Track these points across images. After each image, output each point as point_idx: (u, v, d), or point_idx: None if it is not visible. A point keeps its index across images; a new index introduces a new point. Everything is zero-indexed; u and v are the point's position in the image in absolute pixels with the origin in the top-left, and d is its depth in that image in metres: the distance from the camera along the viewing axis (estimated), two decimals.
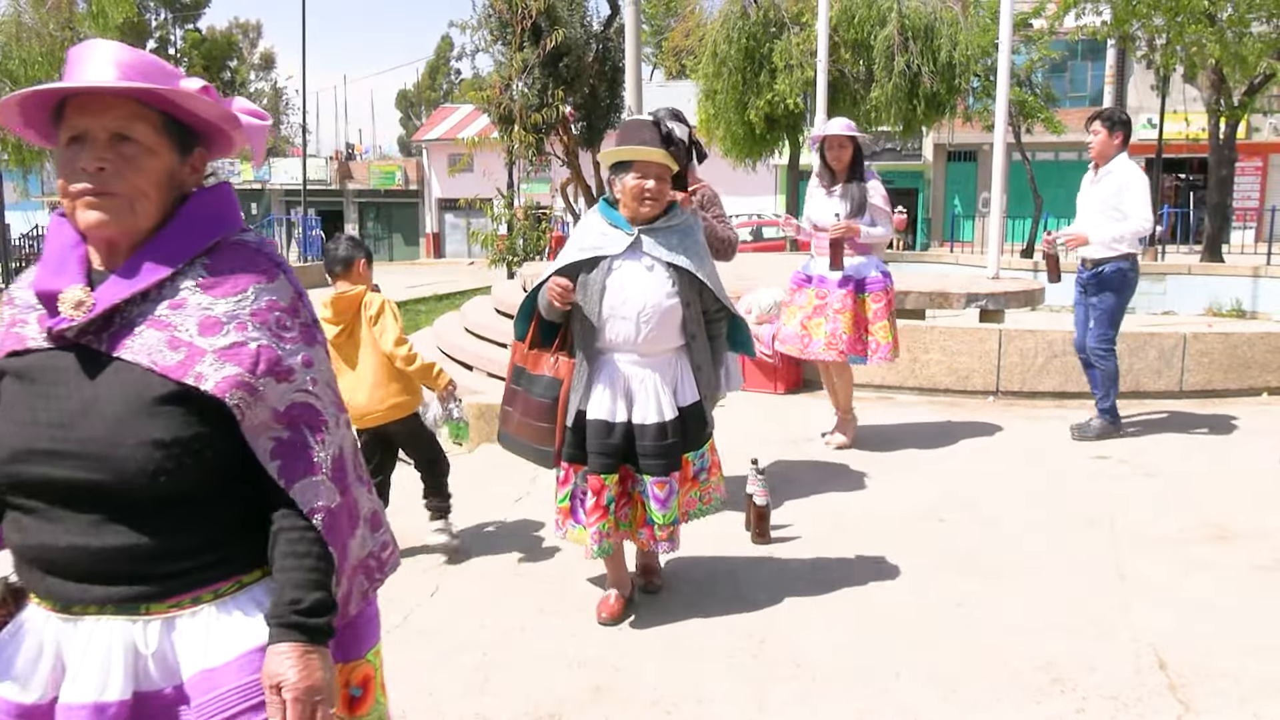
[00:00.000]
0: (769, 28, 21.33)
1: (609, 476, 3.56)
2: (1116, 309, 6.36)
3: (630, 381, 3.56)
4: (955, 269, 17.69)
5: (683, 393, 3.63)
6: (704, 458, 3.76)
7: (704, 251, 3.66)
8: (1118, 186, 6.21)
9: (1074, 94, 32.56)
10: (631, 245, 3.53)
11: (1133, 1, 15.95)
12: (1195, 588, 4.02)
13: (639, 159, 3.51)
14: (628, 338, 3.52)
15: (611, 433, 3.54)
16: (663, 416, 3.53)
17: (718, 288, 3.65)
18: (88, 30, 21.03)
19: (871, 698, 3.17)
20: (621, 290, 3.51)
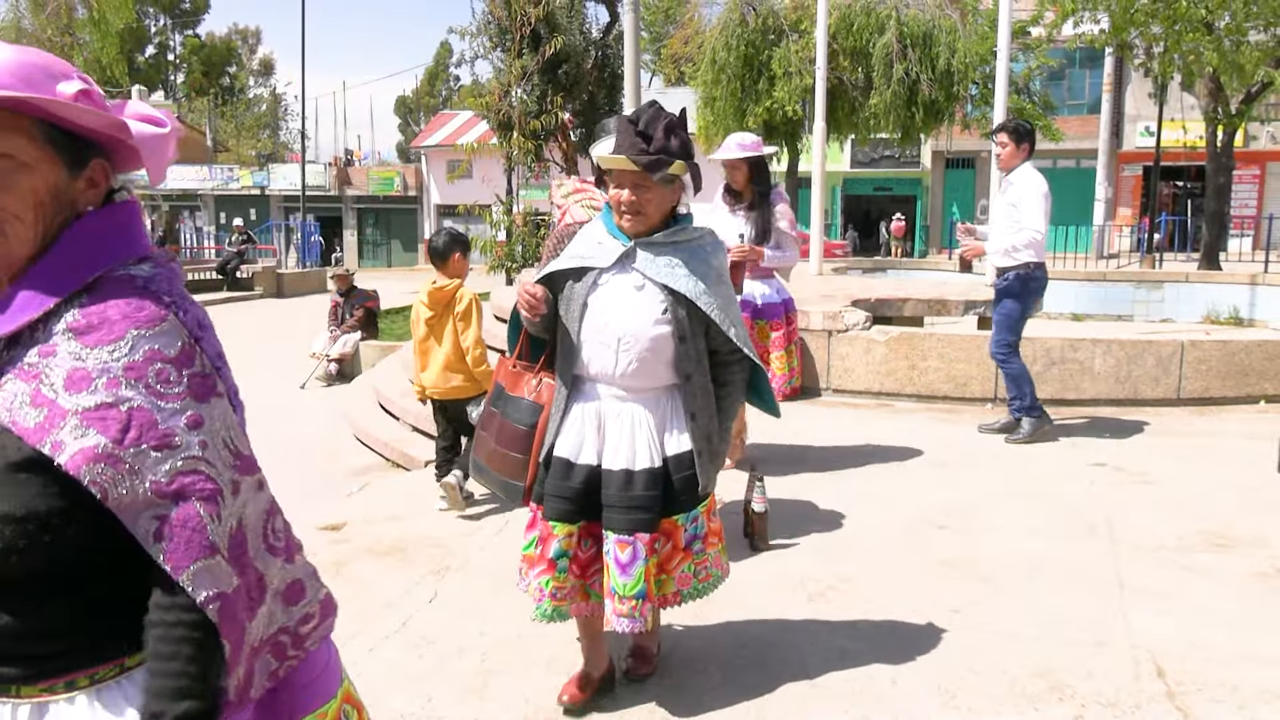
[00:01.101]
0: (768, 35, 21.38)
1: (560, 525, 3.01)
2: (1015, 315, 6.52)
3: (605, 418, 3.01)
4: (953, 276, 17.71)
5: (671, 440, 3.02)
6: (698, 523, 3.12)
7: (716, 279, 3.02)
8: (1017, 196, 6.33)
9: (1072, 102, 32.66)
10: (622, 258, 2.99)
11: (1130, 10, 15.98)
12: (1193, 595, 4.02)
13: (605, 165, 3.06)
14: (605, 367, 2.97)
15: (570, 474, 3.01)
16: (633, 464, 2.96)
17: (728, 324, 2.99)
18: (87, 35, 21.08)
19: (870, 705, 3.17)
20: (603, 310, 2.97)
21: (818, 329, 8.15)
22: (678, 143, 2.88)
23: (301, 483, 6.28)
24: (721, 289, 3.03)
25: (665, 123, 2.89)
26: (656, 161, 2.84)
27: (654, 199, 2.95)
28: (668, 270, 2.96)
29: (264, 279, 23.34)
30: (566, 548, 3.03)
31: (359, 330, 12.64)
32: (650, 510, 2.97)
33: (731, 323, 3.01)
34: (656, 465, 2.99)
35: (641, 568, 2.96)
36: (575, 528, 3.03)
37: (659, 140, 2.85)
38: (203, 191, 44.69)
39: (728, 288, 3.07)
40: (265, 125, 62.45)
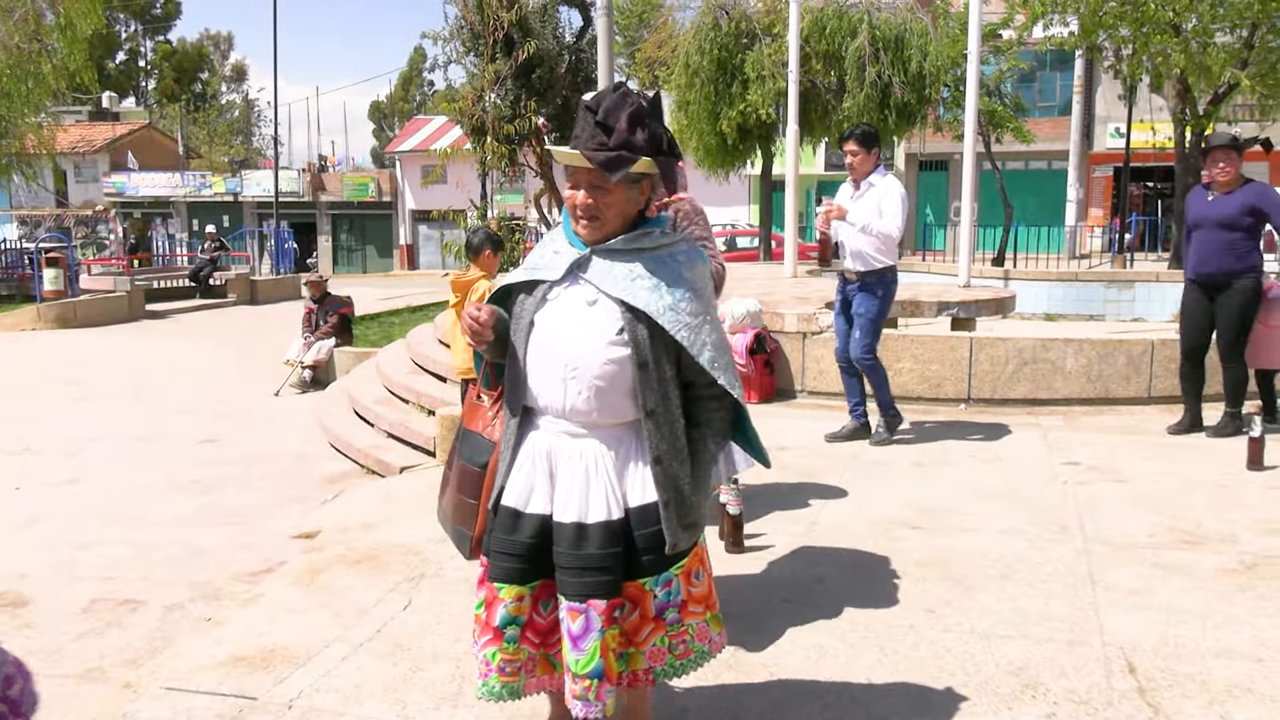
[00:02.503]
0: (741, 39, 21.43)
1: (506, 588, 2.55)
2: (879, 317, 6.53)
3: (556, 460, 2.55)
4: (927, 278, 17.83)
5: (635, 488, 2.53)
6: (671, 588, 2.60)
7: (691, 294, 2.53)
8: (878, 198, 6.28)
9: (1043, 104, 32.90)
10: (573, 269, 2.53)
11: (1099, 12, 16.13)
12: (1164, 592, 4.06)
13: (559, 161, 2.57)
14: (554, 398, 2.52)
15: (517, 526, 2.55)
16: (585, 515, 2.50)
17: (702, 347, 2.51)
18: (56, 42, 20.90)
19: (844, 706, 3.18)
20: (550, 330, 2.51)
21: (792, 331, 8.17)
22: (645, 135, 2.44)
23: (275, 490, 6.24)
24: (697, 306, 2.52)
25: (630, 111, 2.43)
26: (616, 159, 2.40)
27: (614, 202, 2.48)
28: (626, 282, 2.48)
29: (237, 286, 23.19)
30: (516, 613, 2.56)
31: (333, 337, 12.58)
32: (607, 572, 2.48)
33: (708, 346, 2.51)
34: (615, 518, 2.50)
35: (596, 641, 2.47)
36: (527, 589, 2.56)
37: (621, 132, 2.40)
38: (175, 198, 44.38)
39: (705, 304, 2.56)
40: (238, 131, 62.08)
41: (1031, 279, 18.38)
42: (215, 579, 4.74)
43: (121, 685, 3.49)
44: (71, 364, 12.66)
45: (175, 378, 11.72)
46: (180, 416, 8.96)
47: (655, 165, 2.47)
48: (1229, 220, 6.42)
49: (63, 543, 5.11)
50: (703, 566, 2.71)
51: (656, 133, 2.48)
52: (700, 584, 2.68)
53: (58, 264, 18.83)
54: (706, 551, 2.74)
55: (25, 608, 4.28)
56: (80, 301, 18.14)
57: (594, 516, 2.50)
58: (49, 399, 9.78)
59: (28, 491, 6.07)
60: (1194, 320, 6.70)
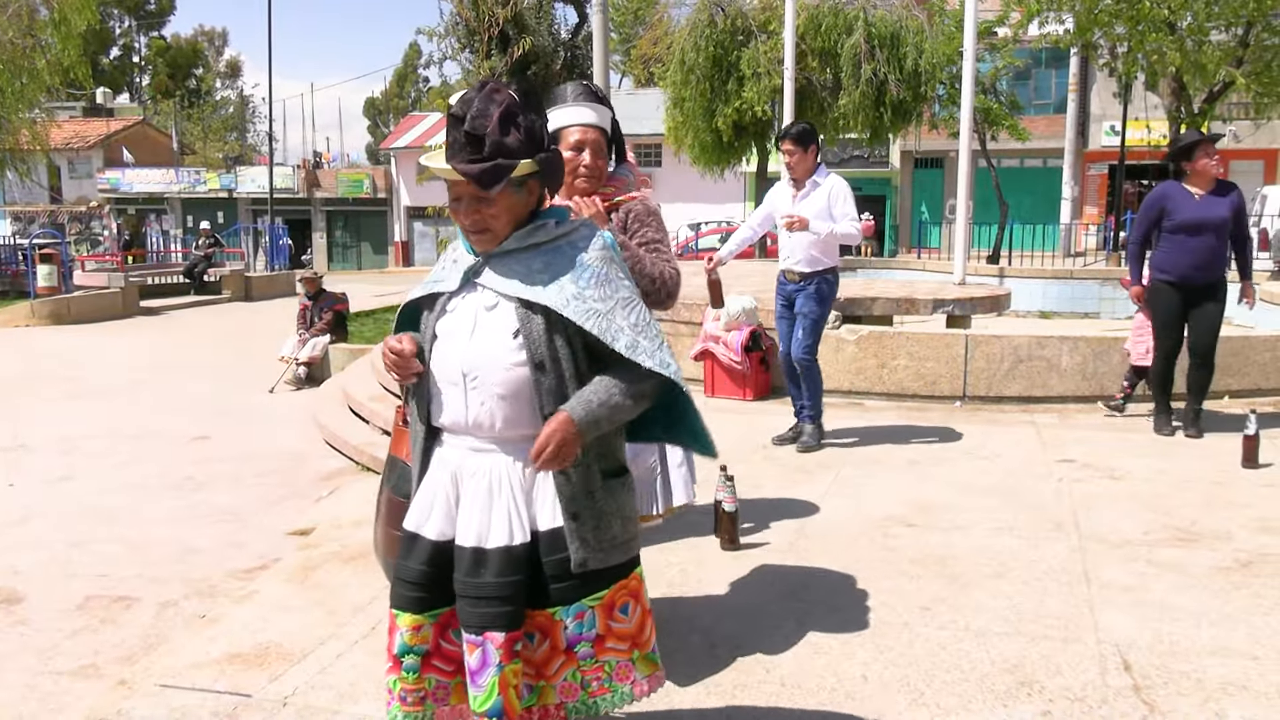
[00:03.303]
0: (736, 36, 21.44)
1: (404, 615, 2.40)
2: (823, 319, 6.44)
3: (461, 479, 2.38)
4: (922, 275, 17.85)
5: (545, 508, 2.35)
6: (584, 620, 2.37)
7: (598, 278, 2.33)
8: (827, 196, 6.13)
9: (1038, 101, 32.96)
10: (470, 275, 2.39)
11: (1095, 10, 16.14)
12: (1159, 590, 4.06)
13: (437, 174, 2.36)
14: (455, 412, 2.35)
15: (413, 550, 2.39)
16: (484, 539, 2.31)
17: (617, 332, 2.29)
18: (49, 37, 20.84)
19: (839, 703, 3.18)
20: (449, 340, 2.36)
21: None
22: (520, 135, 2.25)
23: (270, 487, 6.23)
24: (605, 290, 2.32)
25: (501, 112, 2.24)
26: (493, 170, 2.22)
27: (501, 212, 2.31)
28: (523, 279, 2.31)
29: (232, 282, 23.15)
30: (413, 643, 2.39)
31: (328, 334, 12.56)
32: (505, 602, 2.29)
33: (624, 331, 2.30)
34: (517, 542, 2.31)
35: (494, 677, 2.28)
36: (426, 618, 2.39)
37: (493, 139, 2.22)
38: (169, 195, 44.31)
39: (616, 288, 2.35)
40: (232, 128, 62.01)
41: (1026, 277, 18.39)
42: (209, 576, 4.74)
43: (116, 682, 3.48)
44: (65, 361, 12.63)
45: (169, 374, 11.70)
46: (174, 413, 8.95)
47: (536, 165, 2.29)
48: (1224, 224, 6.39)
49: (57, 540, 5.10)
50: (634, 601, 2.43)
51: (533, 128, 2.30)
52: (627, 620, 2.41)
53: (51, 260, 18.79)
54: (643, 585, 2.48)
55: (19, 605, 4.27)
56: (74, 298, 18.10)
57: (493, 541, 2.30)
58: (43, 396, 9.76)
59: (21, 488, 6.06)
60: (1177, 323, 6.60)
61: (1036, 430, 6.92)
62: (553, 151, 2.31)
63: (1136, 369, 7.24)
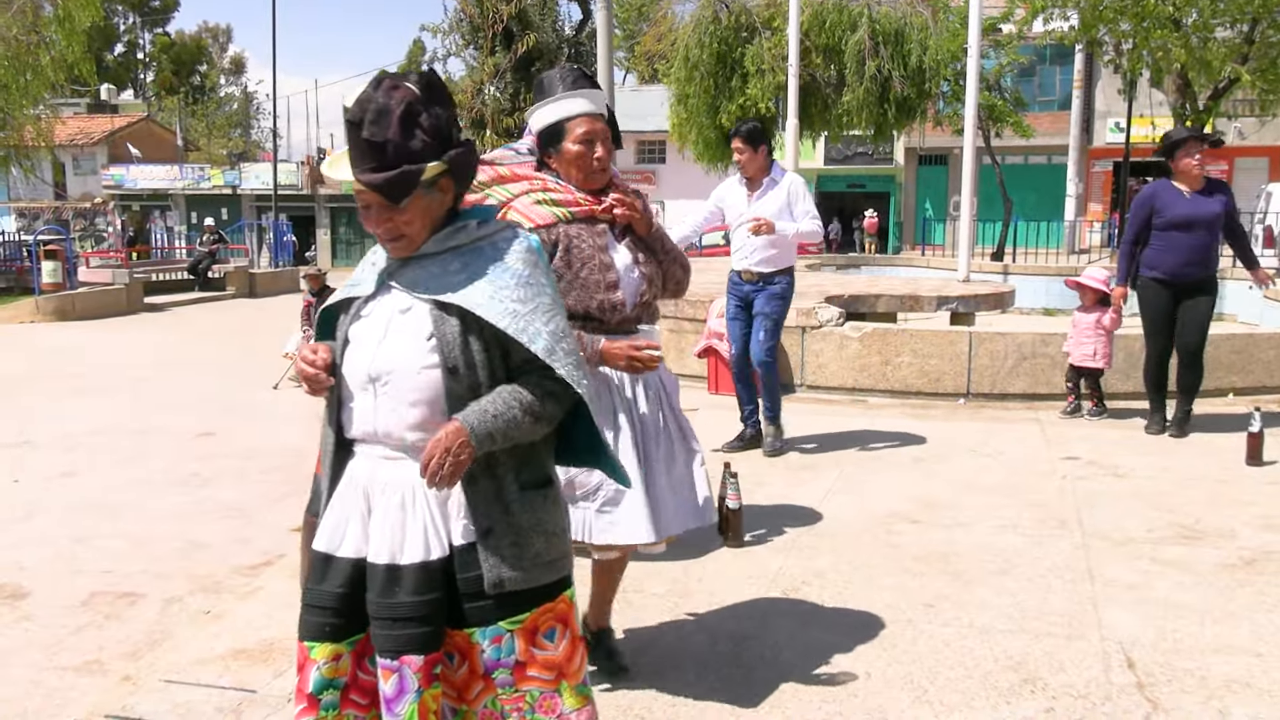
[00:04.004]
0: (740, 32, 21.42)
1: (318, 647, 2.16)
2: (783, 319, 6.25)
3: (372, 492, 2.18)
4: (926, 272, 17.83)
5: (459, 522, 2.16)
6: (502, 644, 2.14)
7: (518, 278, 2.16)
8: (786, 194, 6.00)
9: (1043, 98, 32.89)
10: (385, 278, 2.24)
11: (1099, 7, 16.10)
12: (1163, 587, 4.06)
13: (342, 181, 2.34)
14: (366, 420, 2.18)
15: (328, 573, 2.17)
16: (398, 555, 2.11)
17: (537, 336, 2.12)
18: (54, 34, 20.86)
19: (843, 700, 3.18)
20: (360, 344, 2.20)
21: (791, 325, 8.16)
22: (424, 137, 2.06)
23: (274, 484, 6.24)
24: (526, 292, 2.15)
25: (401, 112, 2.04)
26: (399, 180, 2.04)
27: (414, 217, 2.13)
28: (439, 280, 2.16)
29: (236, 279, 23.17)
30: (332, 675, 2.17)
31: None
32: (424, 623, 2.10)
33: (543, 335, 2.12)
34: (434, 558, 2.11)
35: (413, 704, 2.10)
36: (345, 646, 2.17)
37: (396, 143, 2.03)
38: (174, 191, 44.32)
39: (537, 290, 2.18)
40: (237, 124, 62.04)
41: (1031, 274, 18.36)
42: (214, 572, 4.74)
43: (121, 678, 3.49)
44: (70, 357, 12.65)
45: (173, 371, 11.72)
46: (179, 409, 8.96)
47: (447, 164, 2.11)
48: (1215, 220, 6.38)
49: (61, 536, 5.11)
50: (562, 626, 2.21)
51: (439, 124, 2.09)
52: (553, 647, 2.19)
53: (56, 256, 18.81)
54: (574, 609, 2.26)
55: (24, 600, 4.28)
56: (78, 294, 18.12)
57: (409, 556, 2.11)
58: (47, 392, 9.78)
59: (26, 484, 6.07)
60: (1167, 321, 6.57)
61: (1040, 427, 6.92)
62: (464, 147, 2.13)
63: (1077, 369, 7.21)
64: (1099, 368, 7.12)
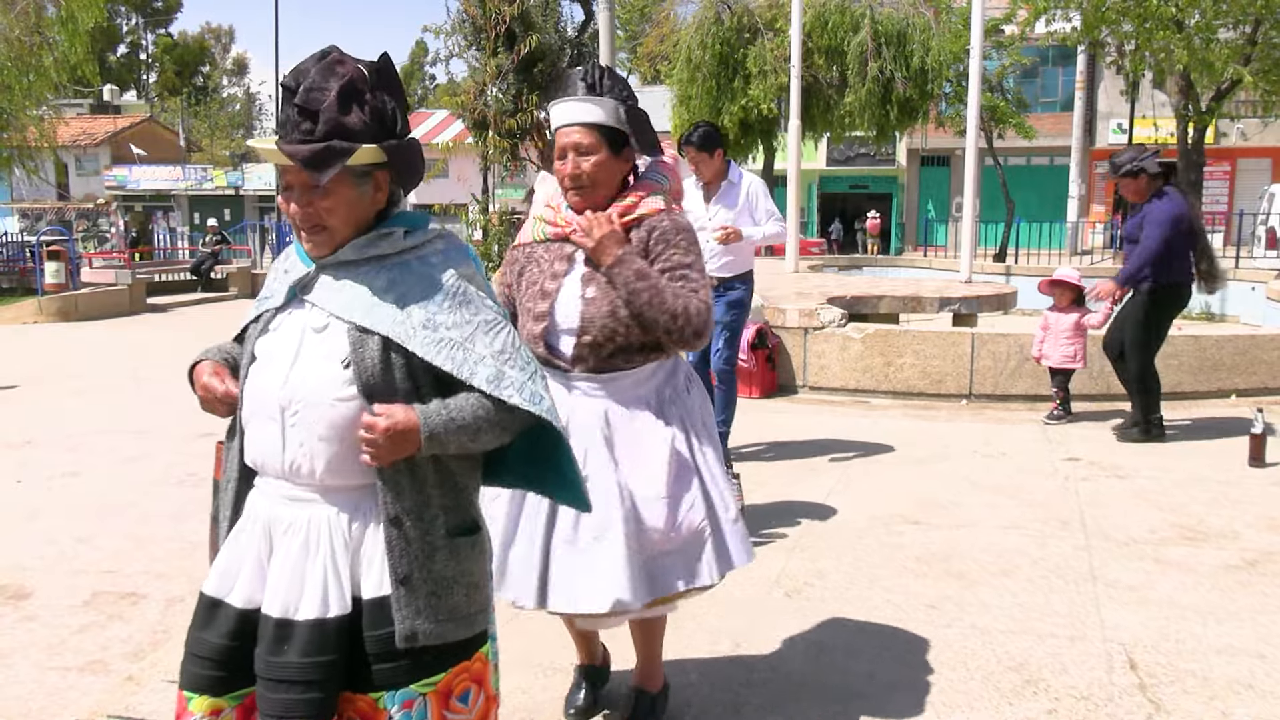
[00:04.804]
0: (743, 33, 21.42)
1: (195, 697, 1.93)
2: (742, 326, 6.06)
3: (274, 533, 1.94)
4: (929, 273, 17.83)
5: (373, 575, 1.90)
6: (414, 710, 1.91)
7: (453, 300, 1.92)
8: (745, 196, 5.80)
9: (1045, 99, 32.89)
10: (297, 289, 1.98)
11: (1102, 8, 16.11)
12: (1166, 588, 4.06)
13: (264, 158, 2.05)
14: (271, 453, 1.92)
15: (213, 620, 1.94)
16: (293, 609, 1.88)
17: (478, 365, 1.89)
18: (57, 35, 20.87)
19: (845, 701, 3.18)
20: (268, 366, 1.94)
21: (794, 326, 8.17)
22: (362, 116, 1.86)
23: None
24: (462, 315, 1.91)
25: (342, 86, 1.85)
26: (325, 153, 1.82)
27: (337, 205, 1.89)
28: (361, 300, 1.90)
29: (239, 280, 23.17)
30: None
31: None
32: (312, 688, 1.86)
33: (485, 362, 1.89)
34: (332, 614, 1.87)
35: None
36: (228, 702, 1.94)
37: (330, 115, 1.83)
38: (176, 192, 44.37)
39: (475, 310, 1.93)
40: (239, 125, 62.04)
41: (1033, 275, 18.33)
42: None
43: (124, 678, 3.49)
44: (72, 357, 12.66)
45: (176, 371, 11.70)
46: (181, 409, 8.97)
47: (384, 153, 1.89)
48: (1130, 234, 6.61)
49: (64, 535, 5.12)
50: (477, 687, 2.00)
51: (383, 109, 1.89)
52: (467, 710, 1.97)
53: (59, 257, 18.81)
54: (489, 667, 2.04)
55: (27, 600, 4.29)
56: (81, 295, 18.13)
57: (303, 612, 1.87)
58: (50, 392, 9.79)
59: (29, 485, 6.07)
60: (1117, 319, 6.74)
61: (1042, 428, 6.91)
62: (407, 141, 1.92)
63: (1057, 372, 7.16)
64: (1076, 368, 7.09)
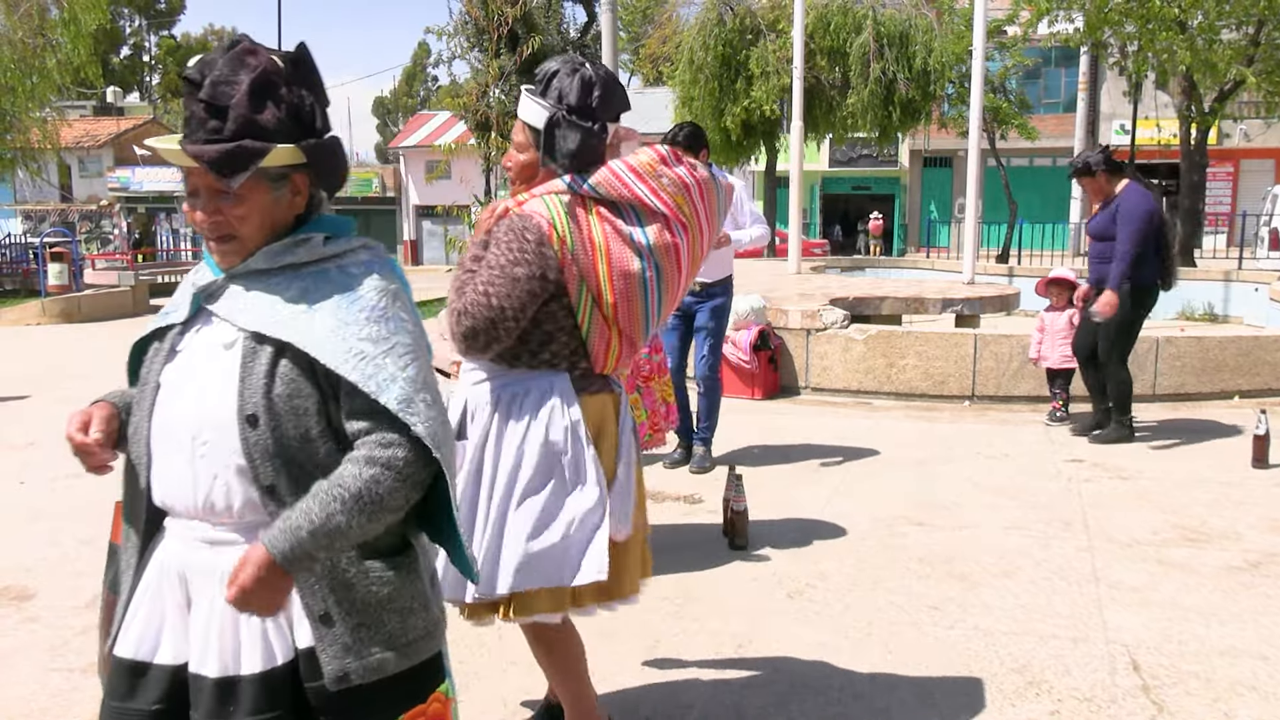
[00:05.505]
0: (745, 35, 21.44)
1: None
2: (724, 331, 6.02)
3: (190, 581, 1.75)
4: (931, 275, 17.81)
5: (303, 618, 1.74)
6: None
7: (370, 312, 1.72)
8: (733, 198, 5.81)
9: (1048, 100, 32.85)
10: (199, 299, 1.79)
11: (1105, 9, 16.09)
12: (1168, 589, 4.06)
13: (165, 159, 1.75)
14: (182, 491, 1.72)
15: (138, 687, 1.76)
16: (233, 665, 1.70)
17: (389, 384, 1.67)
18: (60, 37, 20.90)
19: (848, 703, 3.18)
20: (173, 391, 1.74)
21: (796, 328, 8.17)
22: (277, 114, 1.68)
23: None
24: (382, 329, 1.71)
25: (254, 81, 1.66)
26: (235, 154, 1.65)
27: (250, 212, 1.71)
28: (268, 308, 1.71)
29: None
30: None
31: None
32: None
33: (398, 382, 1.67)
34: (279, 664, 1.71)
35: None
36: None
37: (241, 112, 1.65)
38: (179, 194, 44.31)
39: (396, 327, 1.73)
40: None
41: (1035, 276, 18.28)
42: None
43: None
44: (75, 358, 12.67)
45: None
46: None
47: (304, 152, 1.72)
48: (1099, 232, 6.57)
49: (67, 537, 5.12)
50: None
51: (300, 106, 1.72)
52: None
53: (62, 259, 18.85)
54: (450, 707, 1.91)
55: (29, 601, 4.29)
56: (84, 296, 18.14)
57: (248, 666, 1.70)
58: (53, 394, 9.79)
59: (32, 486, 6.08)
60: (1086, 324, 6.66)
61: (1045, 430, 6.91)
62: (328, 140, 1.75)
63: (1054, 373, 7.14)
64: (1073, 368, 7.07)
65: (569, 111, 2.60)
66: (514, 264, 2.48)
